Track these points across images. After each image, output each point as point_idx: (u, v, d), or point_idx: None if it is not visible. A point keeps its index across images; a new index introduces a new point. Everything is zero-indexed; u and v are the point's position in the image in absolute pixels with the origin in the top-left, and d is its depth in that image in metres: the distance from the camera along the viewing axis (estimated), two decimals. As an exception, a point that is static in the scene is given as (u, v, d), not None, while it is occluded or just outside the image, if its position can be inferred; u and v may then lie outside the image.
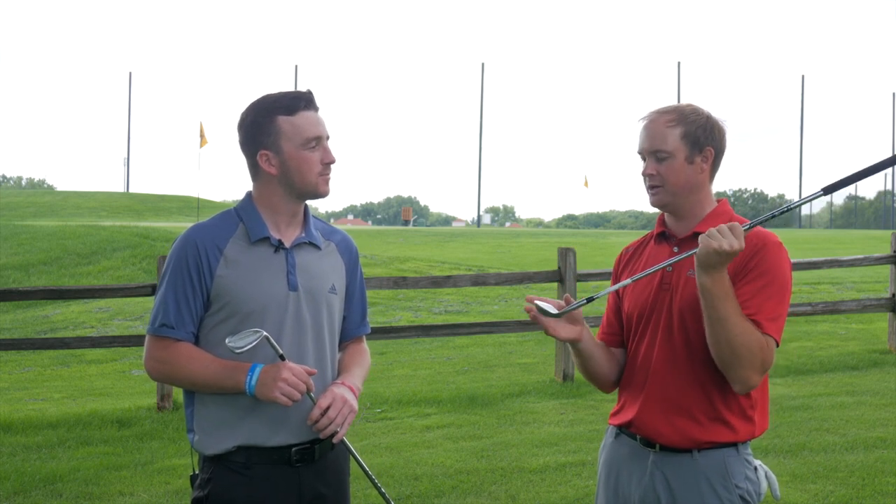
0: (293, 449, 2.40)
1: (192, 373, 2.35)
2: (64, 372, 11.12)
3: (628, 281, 2.37)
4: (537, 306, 2.34)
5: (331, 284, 2.51)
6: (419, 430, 6.76)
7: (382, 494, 2.59)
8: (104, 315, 14.36)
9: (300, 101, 2.41)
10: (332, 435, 2.41)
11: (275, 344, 2.31)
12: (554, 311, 2.34)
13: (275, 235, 2.44)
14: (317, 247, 2.51)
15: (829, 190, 2.24)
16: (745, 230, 2.20)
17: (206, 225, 2.44)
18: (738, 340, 2.20)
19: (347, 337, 2.63)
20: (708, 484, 2.33)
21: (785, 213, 2.30)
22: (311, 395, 2.35)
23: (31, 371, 11.26)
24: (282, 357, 2.32)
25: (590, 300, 2.35)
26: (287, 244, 2.45)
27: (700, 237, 2.20)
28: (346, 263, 2.59)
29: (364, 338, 2.71)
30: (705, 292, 2.20)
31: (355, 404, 2.42)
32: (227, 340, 2.26)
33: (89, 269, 17.52)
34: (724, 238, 2.15)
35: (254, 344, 2.25)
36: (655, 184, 2.41)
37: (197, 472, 2.46)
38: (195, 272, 2.36)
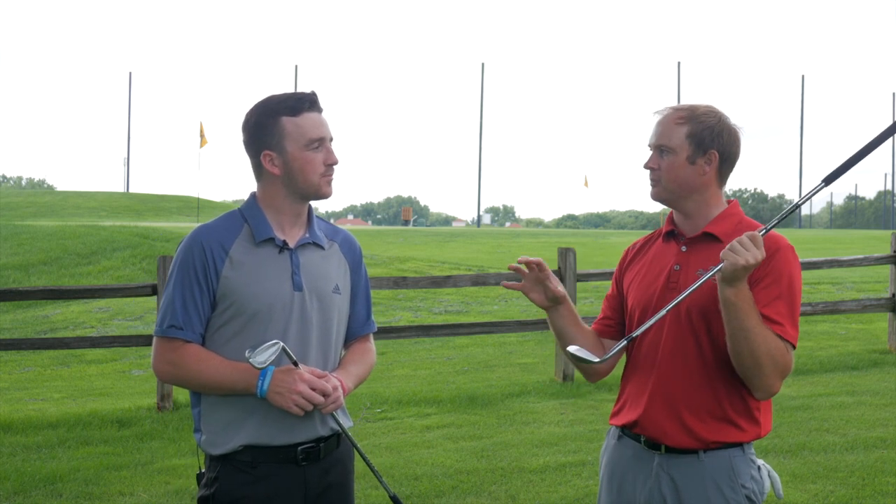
0: (299, 448, 2.42)
1: (201, 374, 2.37)
2: (64, 372, 11.12)
3: (662, 312, 2.31)
4: (573, 355, 2.31)
5: (334, 284, 2.53)
6: (419, 430, 6.76)
7: (385, 487, 2.56)
8: (104, 315, 14.37)
9: (304, 102, 2.43)
10: (337, 434, 2.49)
11: (290, 353, 2.34)
12: (595, 359, 2.33)
13: (279, 236, 2.46)
14: (321, 247, 2.53)
15: (829, 180, 2.22)
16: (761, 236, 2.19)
17: (212, 226, 2.46)
18: (760, 350, 2.20)
19: (353, 336, 2.64)
20: (714, 485, 2.32)
21: (793, 211, 2.29)
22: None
23: (31, 371, 11.26)
24: (295, 363, 2.35)
25: (629, 339, 2.35)
26: (291, 244, 2.47)
27: (722, 253, 2.17)
28: (349, 263, 2.61)
29: (370, 336, 2.72)
30: (729, 305, 2.19)
31: (342, 398, 2.43)
32: (246, 356, 2.27)
33: (89, 269, 17.53)
34: (749, 252, 2.14)
35: (274, 357, 2.27)
36: (655, 177, 2.43)
37: (203, 470, 2.49)
38: (201, 273, 2.39)
